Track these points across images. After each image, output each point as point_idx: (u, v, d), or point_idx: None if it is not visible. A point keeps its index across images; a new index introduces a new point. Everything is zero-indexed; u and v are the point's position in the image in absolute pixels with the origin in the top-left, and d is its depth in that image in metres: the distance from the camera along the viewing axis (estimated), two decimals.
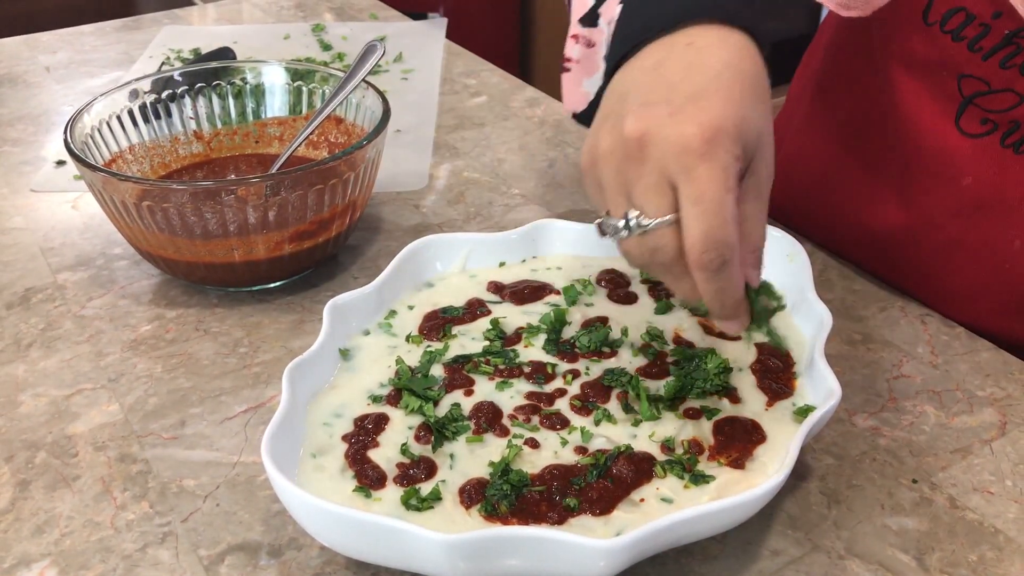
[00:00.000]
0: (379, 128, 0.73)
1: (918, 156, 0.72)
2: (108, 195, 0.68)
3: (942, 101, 0.69)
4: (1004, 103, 0.66)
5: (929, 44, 0.68)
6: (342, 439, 0.54)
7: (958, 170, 0.70)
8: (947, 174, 0.70)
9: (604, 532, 0.48)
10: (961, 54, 0.66)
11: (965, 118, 0.67)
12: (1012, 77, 0.65)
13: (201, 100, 0.83)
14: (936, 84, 0.69)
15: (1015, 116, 0.66)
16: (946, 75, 0.68)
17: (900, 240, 0.74)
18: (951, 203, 0.71)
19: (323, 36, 1.24)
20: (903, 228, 0.74)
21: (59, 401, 0.63)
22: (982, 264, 0.71)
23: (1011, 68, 0.64)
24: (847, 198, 0.79)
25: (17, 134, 1.00)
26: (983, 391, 0.64)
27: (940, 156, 0.70)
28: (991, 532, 0.54)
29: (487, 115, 1.04)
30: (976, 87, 0.67)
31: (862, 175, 0.77)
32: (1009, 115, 0.66)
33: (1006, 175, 0.68)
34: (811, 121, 0.84)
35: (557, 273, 0.68)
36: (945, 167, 0.70)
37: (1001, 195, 0.68)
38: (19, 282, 0.76)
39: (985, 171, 0.68)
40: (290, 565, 0.52)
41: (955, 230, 0.71)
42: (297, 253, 0.71)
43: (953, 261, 0.72)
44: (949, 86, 0.68)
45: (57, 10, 2.64)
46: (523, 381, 0.58)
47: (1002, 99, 0.66)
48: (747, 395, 0.57)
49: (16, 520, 0.55)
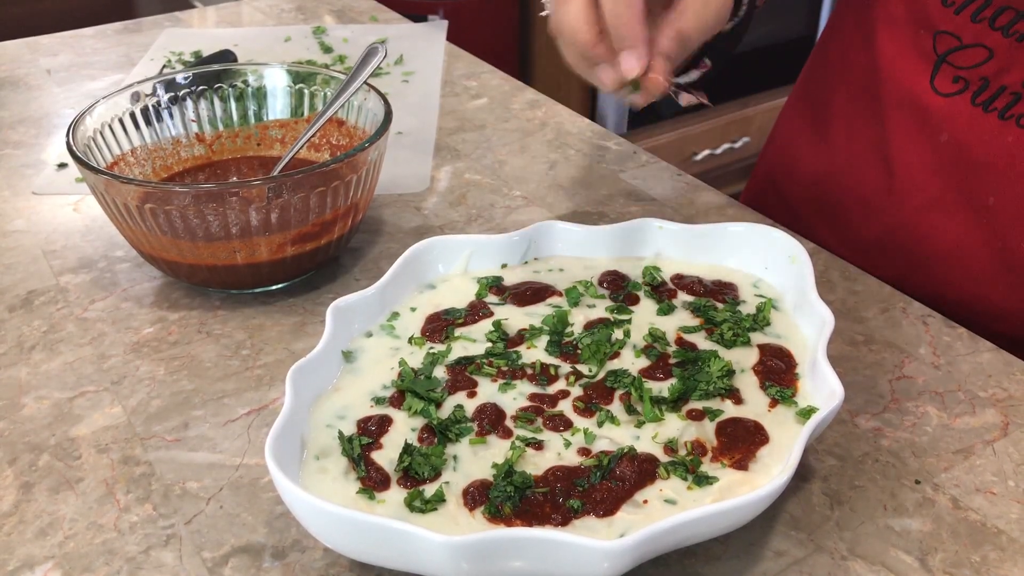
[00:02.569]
0: (381, 130, 0.73)
1: (898, 116, 0.75)
2: (110, 198, 0.68)
3: (920, 60, 0.73)
4: (975, 58, 0.69)
5: (909, 2, 0.71)
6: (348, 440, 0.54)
7: (934, 128, 0.73)
8: (924, 132, 0.73)
9: (608, 533, 0.48)
10: (936, 9, 0.69)
11: (939, 77, 0.71)
12: (982, 31, 0.68)
13: (203, 103, 0.83)
14: (915, 43, 0.73)
15: (984, 72, 0.68)
16: (924, 33, 0.71)
17: (884, 202, 0.77)
18: (928, 160, 0.73)
19: (324, 38, 1.24)
20: (886, 189, 0.77)
21: (62, 404, 0.63)
22: (959, 223, 0.74)
23: (981, 22, 0.67)
24: (834, 162, 0.82)
25: (18, 137, 1.00)
26: (985, 392, 0.64)
27: (917, 115, 0.73)
28: (994, 533, 0.54)
29: (488, 117, 1.04)
30: (949, 43, 0.70)
31: (845, 139, 0.81)
32: (979, 71, 0.69)
33: (976, 134, 0.70)
34: (808, 104, 0.87)
35: (559, 275, 0.68)
36: (922, 125, 0.73)
37: (972, 153, 0.71)
38: (21, 285, 0.76)
39: (958, 130, 0.71)
40: (294, 567, 0.52)
41: (934, 188, 0.74)
42: (299, 255, 0.71)
43: (932, 220, 0.75)
44: (926, 44, 0.72)
45: (58, 13, 2.64)
46: (526, 383, 0.58)
47: (973, 54, 0.69)
48: (750, 396, 0.57)
49: (20, 523, 0.55)
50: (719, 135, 2.52)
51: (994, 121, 0.69)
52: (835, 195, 0.84)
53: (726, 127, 2.52)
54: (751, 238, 0.67)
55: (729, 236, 0.68)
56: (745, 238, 0.68)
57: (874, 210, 0.80)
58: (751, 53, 2.33)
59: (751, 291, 0.66)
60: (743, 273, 0.68)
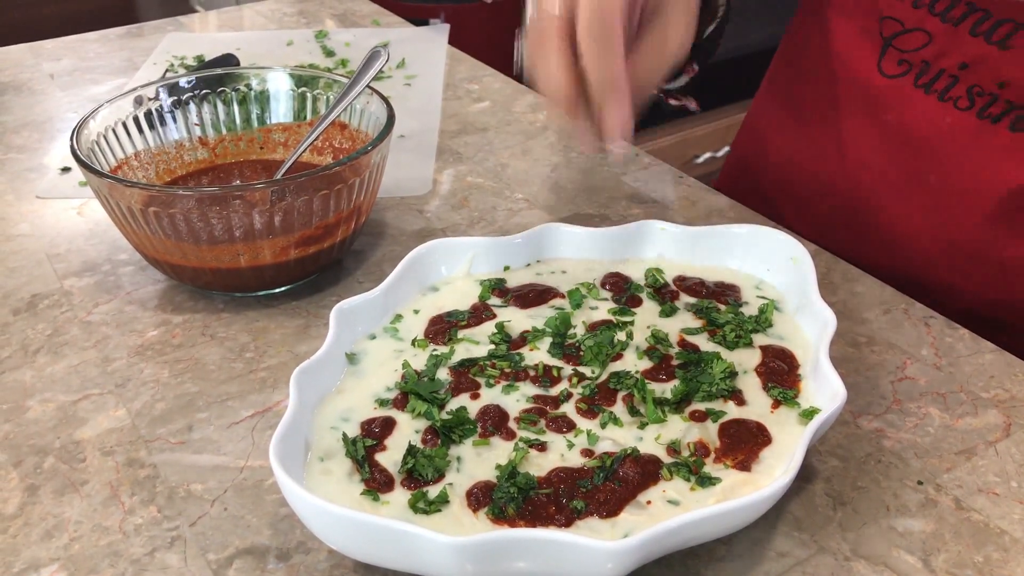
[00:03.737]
0: (383, 133, 0.73)
1: (850, 98, 0.79)
2: (114, 201, 0.68)
3: (868, 44, 0.77)
4: (916, 42, 0.73)
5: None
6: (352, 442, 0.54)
7: (881, 109, 0.77)
8: (873, 114, 0.78)
9: (611, 534, 0.49)
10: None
11: (886, 61, 0.75)
12: (923, 16, 0.72)
13: (206, 106, 0.84)
14: (864, 28, 0.77)
15: (925, 56, 0.72)
16: (871, 18, 0.75)
17: (838, 182, 0.81)
18: (877, 141, 0.78)
19: (326, 42, 1.24)
20: (840, 170, 0.81)
21: (67, 406, 0.64)
22: (907, 202, 0.78)
23: (922, 7, 0.71)
24: (797, 146, 0.87)
25: (22, 141, 1.00)
26: (987, 393, 0.64)
27: (866, 97, 0.78)
28: (997, 533, 0.54)
29: (490, 120, 1.05)
30: (894, 28, 0.74)
31: (806, 122, 0.86)
32: (920, 55, 0.72)
33: (918, 115, 0.75)
34: (775, 90, 0.93)
35: (562, 277, 0.68)
36: (871, 107, 0.78)
37: (915, 133, 0.76)
38: (26, 288, 0.76)
39: (902, 110, 0.76)
40: (298, 569, 0.52)
41: (882, 168, 0.78)
42: (303, 258, 0.72)
43: (883, 201, 0.79)
44: (873, 29, 0.76)
45: (61, 18, 2.65)
46: (529, 384, 0.58)
47: (915, 38, 0.72)
48: (752, 397, 0.57)
49: (25, 525, 0.55)
50: (720, 138, 2.52)
51: (934, 103, 0.73)
52: (798, 177, 0.88)
53: (727, 130, 2.52)
54: (753, 240, 0.68)
55: (731, 238, 0.68)
56: (747, 240, 0.68)
57: (831, 189, 0.84)
58: (751, 56, 2.32)
59: (753, 293, 0.66)
60: (745, 275, 0.68)
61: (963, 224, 0.75)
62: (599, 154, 0.60)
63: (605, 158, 0.96)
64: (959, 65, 0.71)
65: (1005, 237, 0.75)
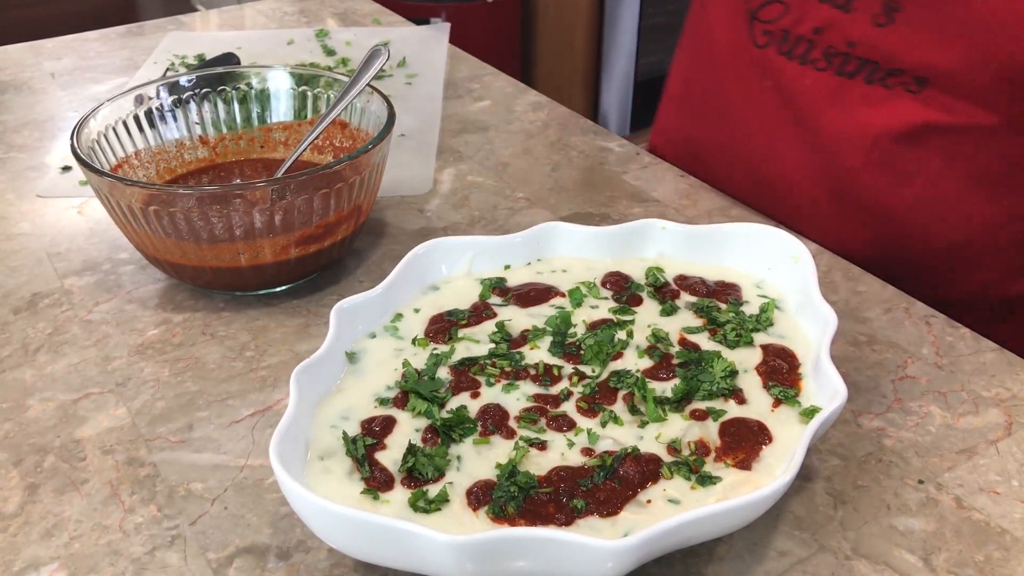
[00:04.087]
0: (384, 132, 0.73)
1: (732, 72, 0.88)
2: (114, 200, 0.68)
3: (740, 21, 0.84)
4: (775, 13, 0.80)
5: None
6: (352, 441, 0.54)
7: (758, 78, 0.85)
8: (754, 83, 0.86)
9: (611, 533, 0.48)
10: None
11: (755, 33, 0.82)
12: None
13: (206, 105, 0.84)
14: (735, 6, 0.85)
15: (784, 25, 0.80)
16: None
17: (738, 146, 0.89)
18: (760, 108, 0.86)
19: (327, 41, 1.24)
20: (729, 138, 0.89)
21: (67, 405, 0.64)
22: (794, 164, 0.85)
23: None
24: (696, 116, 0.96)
25: (23, 140, 1.00)
26: (988, 392, 0.64)
27: (747, 69, 0.86)
28: (997, 532, 0.54)
29: (490, 119, 1.05)
30: (756, 1, 0.82)
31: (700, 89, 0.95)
32: (780, 24, 0.80)
33: (787, 79, 0.82)
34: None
35: (562, 276, 0.68)
36: (751, 77, 0.86)
37: (788, 97, 0.83)
38: (26, 287, 0.76)
39: (775, 76, 0.83)
40: (298, 567, 0.52)
41: (768, 130, 0.86)
42: (303, 257, 0.72)
43: (777, 164, 0.86)
44: (742, 5, 0.84)
45: (61, 17, 2.65)
46: (529, 383, 0.58)
47: (773, 10, 0.80)
48: (753, 396, 0.57)
49: (25, 524, 0.55)
50: None
51: (796, 67, 0.81)
52: (703, 144, 0.95)
53: None
54: (754, 239, 0.67)
55: (732, 237, 0.68)
56: (748, 239, 0.68)
57: (731, 154, 0.91)
58: None
59: (754, 291, 0.66)
60: (746, 274, 0.68)
61: (844, 175, 0.82)
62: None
63: (606, 157, 0.96)
64: (813, 30, 0.79)
65: (887, 186, 0.81)
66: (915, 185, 0.79)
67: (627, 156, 0.96)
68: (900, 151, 0.78)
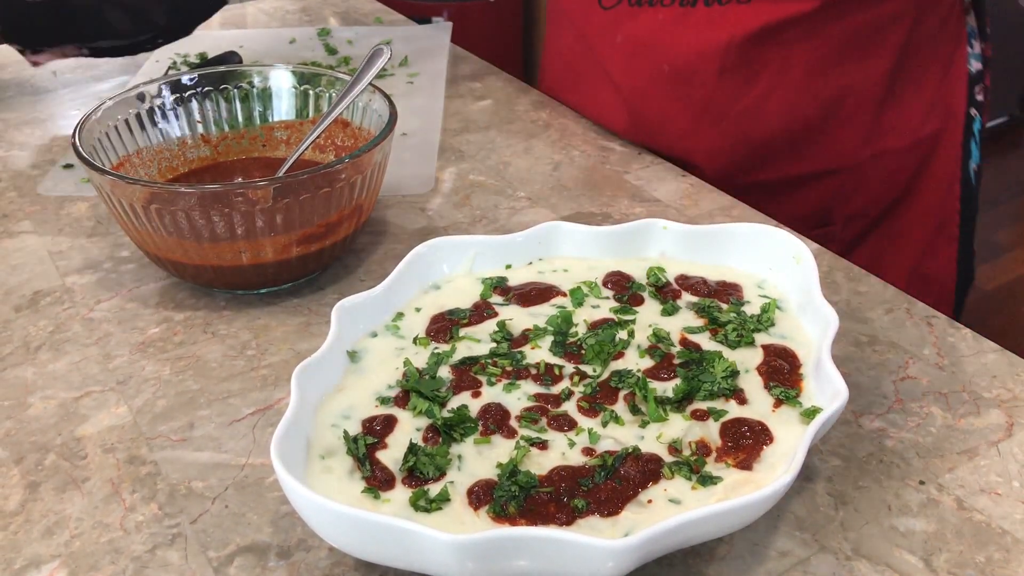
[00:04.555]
0: (385, 131, 0.73)
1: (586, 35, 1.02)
2: (116, 198, 0.68)
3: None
4: None
5: None
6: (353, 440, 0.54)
7: (611, 33, 0.98)
8: (606, 38, 1.00)
9: (612, 533, 0.48)
10: None
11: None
12: None
13: (208, 104, 0.84)
14: None
15: None
16: None
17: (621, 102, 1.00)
18: (620, 56, 0.99)
19: (328, 40, 1.24)
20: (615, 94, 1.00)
21: (68, 403, 0.64)
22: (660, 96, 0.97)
23: None
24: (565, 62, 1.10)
25: (24, 138, 1.01)
26: (989, 392, 0.64)
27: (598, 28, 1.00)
28: (998, 533, 0.54)
29: (492, 118, 1.05)
30: None
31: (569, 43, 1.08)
32: None
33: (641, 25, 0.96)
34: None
35: (563, 275, 0.68)
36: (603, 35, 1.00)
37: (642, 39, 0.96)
38: (27, 285, 0.76)
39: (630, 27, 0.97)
40: (299, 566, 0.52)
41: (634, 74, 0.98)
42: (304, 256, 0.72)
43: (646, 100, 0.98)
44: None
45: None
46: (530, 383, 0.58)
47: None
48: (754, 396, 0.57)
49: (26, 522, 0.55)
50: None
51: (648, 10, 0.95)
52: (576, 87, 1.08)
53: None
54: (755, 239, 0.67)
55: (733, 237, 0.68)
56: (749, 239, 0.68)
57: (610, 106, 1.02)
58: None
59: (755, 291, 0.66)
60: (747, 274, 0.68)
61: (703, 89, 0.95)
62: None
63: (607, 157, 0.96)
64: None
65: (741, 86, 0.94)
66: (763, 80, 0.93)
67: (628, 156, 0.96)
68: (745, 53, 0.92)
